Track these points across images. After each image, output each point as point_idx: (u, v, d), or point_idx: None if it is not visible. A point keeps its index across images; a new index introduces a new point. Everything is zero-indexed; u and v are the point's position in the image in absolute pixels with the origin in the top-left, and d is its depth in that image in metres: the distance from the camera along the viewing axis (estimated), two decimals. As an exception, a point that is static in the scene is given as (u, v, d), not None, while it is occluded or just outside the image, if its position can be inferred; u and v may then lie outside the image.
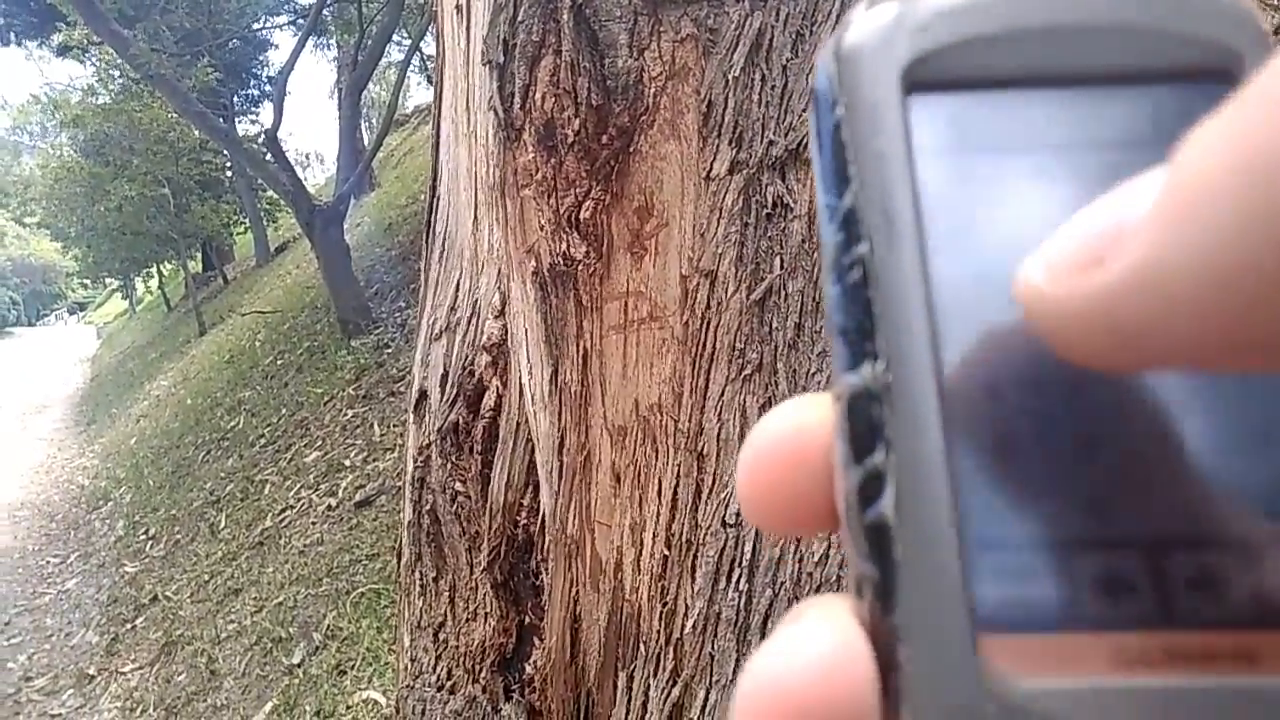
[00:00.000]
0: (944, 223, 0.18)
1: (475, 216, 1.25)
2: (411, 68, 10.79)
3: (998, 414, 0.17)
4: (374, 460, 5.13)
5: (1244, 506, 0.16)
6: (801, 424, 0.20)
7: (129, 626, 4.79)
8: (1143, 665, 0.15)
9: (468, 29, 1.23)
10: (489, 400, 1.20)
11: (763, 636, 0.92)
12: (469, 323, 1.24)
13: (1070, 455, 0.16)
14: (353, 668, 3.47)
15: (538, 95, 0.99)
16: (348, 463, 5.26)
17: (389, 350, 6.72)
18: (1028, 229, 0.17)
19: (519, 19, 1.00)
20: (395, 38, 9.95)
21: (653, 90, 0.96)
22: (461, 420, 1.22)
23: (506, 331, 1.17)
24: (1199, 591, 0.15)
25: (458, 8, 1.25)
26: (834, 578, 0.89)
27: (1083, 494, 0.16)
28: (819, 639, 0.17)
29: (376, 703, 3.21)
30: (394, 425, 5.40)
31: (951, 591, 0.16)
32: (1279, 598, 0.15)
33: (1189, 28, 0.18)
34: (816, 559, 0.89)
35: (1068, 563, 0.16)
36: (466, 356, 1.23)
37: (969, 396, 0.17)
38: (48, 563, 6.24)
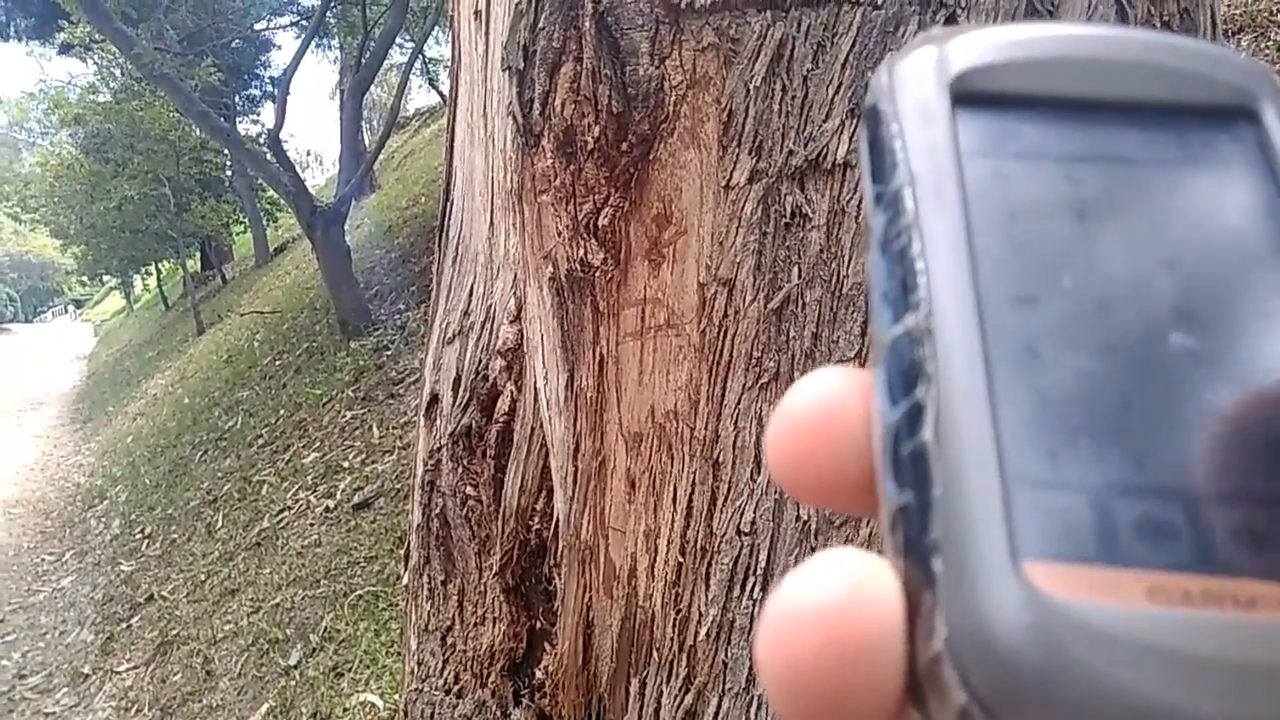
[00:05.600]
0: (983, 201, 0.20)
1: (491, 221, 1.25)
2: (414, 70, 10.80)
3: (1036, 363, 0.18)
4: (372, 462, 5.12)
5: None
6: (831, 392, 0.20)
7: (124, 625, 4.77)
8: (1179, 602, 0.16)
9: (486, 34, 1.23)
10: (503, 405, 1.20)
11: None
12: (483, 327, 1.24)
13: (1112, 405, 0.17)
14: (350, 670, 3.46)
15: (557, 102, 1.00)
16: (346, 464, 5.25)
17: (388, 352, 6.71)
18: (1057, 213, 0.20)
19: (539, 25, 1.00)
20: (398, 40, 9.96)
21: (673, 99, 0.96)
22: (474, 424, 1.22)
23: (522, 336, 1.18)
24: (1234, 543, 0.16)
25: (476, 13, 1.25)
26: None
27: (1127, 442, 0.17)
28: (842, 567, 0.17)
29: (374, 705, 3.20)
30: (393, 428, 5.39)
31: (989, 507, 0.16)
32: None
33: (1212, 71, 0.21)
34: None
35: (1108, 505, 0.16)
36: (480, 361, 1.23)
37: (1006, 344, 0.18)
38: (43, 560, 6.22)
